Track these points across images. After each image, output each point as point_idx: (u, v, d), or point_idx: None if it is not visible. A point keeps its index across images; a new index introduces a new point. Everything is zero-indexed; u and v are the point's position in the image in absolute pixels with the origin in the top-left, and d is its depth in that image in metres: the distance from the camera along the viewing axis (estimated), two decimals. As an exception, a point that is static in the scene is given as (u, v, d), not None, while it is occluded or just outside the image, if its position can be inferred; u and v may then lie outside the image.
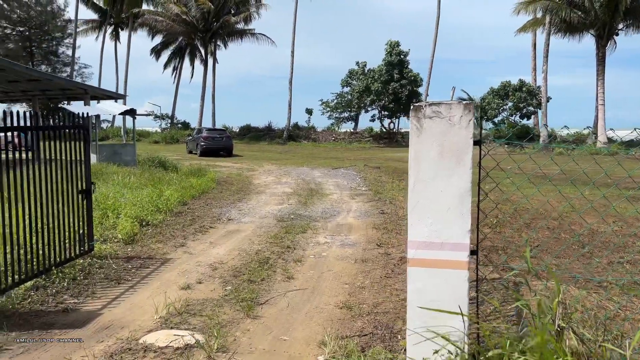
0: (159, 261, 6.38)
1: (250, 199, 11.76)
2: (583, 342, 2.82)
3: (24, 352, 3.91)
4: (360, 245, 7.17)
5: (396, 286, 5.30)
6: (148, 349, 3.90)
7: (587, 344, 2.80)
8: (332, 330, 4.18)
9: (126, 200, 9.23)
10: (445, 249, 3.04)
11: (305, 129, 46.22)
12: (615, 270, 5.79)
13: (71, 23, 50.55)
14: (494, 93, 41.61)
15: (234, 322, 4.42)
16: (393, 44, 40.16)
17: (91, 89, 20.06)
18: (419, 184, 3.06)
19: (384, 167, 19.98)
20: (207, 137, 28.38)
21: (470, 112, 2.97)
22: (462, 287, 3.03)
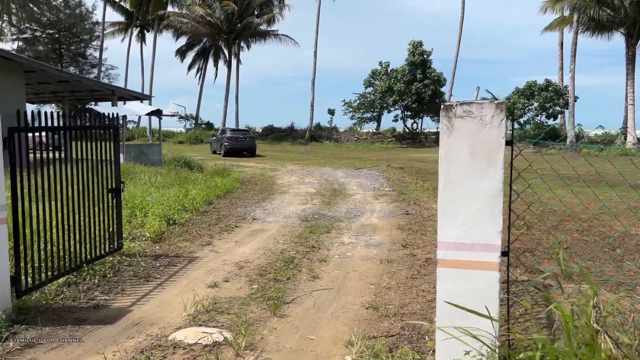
0: (186, 259, 6.47)
1: (274, 198, 11.83)
2: (618, 346, 2.76)
3: (58, 346, 4.01)
4: (385, 246, 7.15)
5: (422, 287, 5.27)
6: (177, 345, 3.96)
7: (622, 348, 2.75)
8: (358, 330, 4.18)
9: (153, 199, 9.38)
10: (476, 249, 3.01)
11: (328, 129, 46.25)
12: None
13: (99, 25, 51.62)
14: (519, 93, 40.96)
15: (261, 320, 4.46)
16: (416, 43, 39.91)
17: (118, 90, 20.44)
18: (449, 184, 3.04)
19: (407, 168, 19.86)
20: (230, 138, 28.64)
21: (502, 111, 2.94)
22: (492, 289, 3.00)
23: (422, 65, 39.53)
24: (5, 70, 16.58)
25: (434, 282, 5.41)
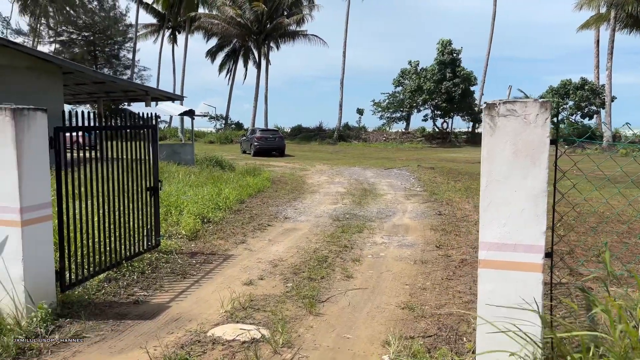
0: (221, 257, 6.56)
1: (304, 198, 11.88)
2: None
3: (101, 340, 4.13)
4: (418, 247, 7.10)
5: (458, 288, 5.22)
6: (216, 341, 4.02)
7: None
8: (395, 330, 4.17)
9: (188, 198, 9.55)
10: (519, 250, 2.97)
11: (356, 129, 46.14)
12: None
13: (132, 27, 52.81)
14: (553, 92, 40.07)
15: (297, 318, 4.49)
16: (445, 42, 39.46)
17: (152, 91, 20.87)
18: (491, 184, 3.00)
19: (438, 168, 19.66)
20: (260, 138, 28.89)
21: (547, 110, 2.89)
22: (535, 290, 2.95)
23: (452, 64, 39.07)
24: (45, 71, 17.12)
25: (470, 283, 5.36)
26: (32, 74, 16.73)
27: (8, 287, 4.34)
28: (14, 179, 4.27)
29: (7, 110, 4.23)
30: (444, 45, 39.38)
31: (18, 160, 4.27)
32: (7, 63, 16.00)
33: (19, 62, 16.33)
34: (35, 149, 4.45)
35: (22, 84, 16.37)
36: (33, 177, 4.42)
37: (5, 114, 4.23)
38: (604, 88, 35.38)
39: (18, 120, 4.26)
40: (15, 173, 4.27)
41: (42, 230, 4.53)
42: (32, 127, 4.41)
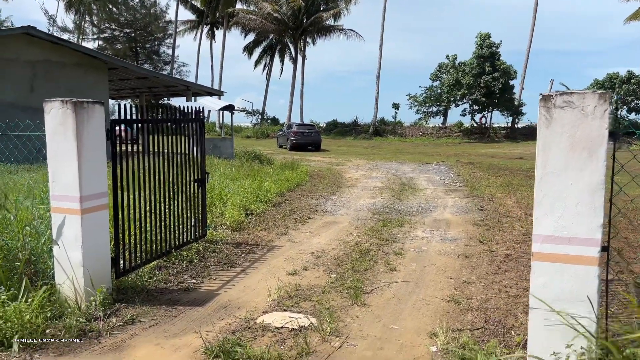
0: (265, 248, 6.69)
1: (343, 192, 11.94)
2: None
3: (155, 324, 4.30)
4: (461, 241, 7.06)
5: (504, 283, 5.18)
6: (266, 328, 4.14)
7: None
8: (441, 322, 4.19)
9: (230, 190, 9.74)
10: (574, 243, 2.94)
11: (392, 124, 45.81)
12: None
13: (171, 24, 53.87)
14: (597, 85, 38.74)
15: (342, 308, 4.56)
16: (483, 36, 38.68)
17: (192, 86, 21.32)
18: (547, 176, 2.98)
19: (477, 163, 19.36)
20: (296, 132, 29.09)
21: (606, 102, 2.85)
22: (590, 285, 2.92)
23: (491, 58, 38.27)
24: (92, 67, 17.74)
25: (515, 278, 5.32)
26: (79, 69, 17.37)
27: (68, 271, 4.56)
28: (75, 169, 4.49)
29: (69, 103, 4.44)
30: (482, 39, 38.62)
31: (78, 152, 4.48)
32: (57, 59, 16.65)
33: (68, 59, 16.98)
34: (93, 141, 4.65)
35: (70, 79, 17.01)
36: (91, 168, 4.62)
37: (67, 107, 4.45)
38: (652, 81, 34.00)
39: (78, 113, 4.46)
40: (75, 164, 4.48)
41: (99, 218, 4.74)
42: (91, 120, 4.61)
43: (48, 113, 4.54)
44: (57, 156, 4.56)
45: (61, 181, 4.55)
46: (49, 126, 4.55)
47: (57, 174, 4.57)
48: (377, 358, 3.63)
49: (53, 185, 4.60)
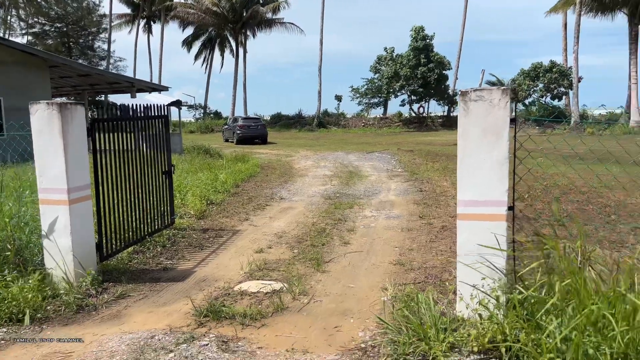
0: (230, 232, 7.35)
1: (295, 181, 12.69)
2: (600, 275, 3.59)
3: (144, 297, 4.90)
4: (404, 218, 8.01)
5: (440, 248, 6.13)
6: (244, 293, 4.84)
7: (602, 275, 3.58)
8: (390, 280, 5.05)
9: (189, 182, 10.26)
10: (487, 205, 3.84)
11: (335, 115, 46.89)
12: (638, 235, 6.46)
13: (106, 18, 52.27)
14: (524, 74, 41.38)
15: (307, 275, 5.33)
16: (417, 29, 40.41)
17: (137, 82, 21.30)
18: (465, 155, 3.86)
19: (416, 151, 20.64)
20: (243, 126, 29.45)
21: (507, 95, 3.75)
22: (501, 235, 3.83)
23: (426, 50, 40.09)
24: (32, 65, 17.44)
25: (450, 244, 6.28)
26: (18, 67, 17.06)
27: (57, 258, 5.05)
28: (62, 164, 4.98)
29: (54, 105, 4.93)
30: (417, 32, 40.33)
31: (64, 148, 4.97)
32: (-5, 58, 16.31)
33: (6, 57, 16.64)
34: (77, 138, 5.15)
35: (10, 77, 16.71)
36: (76, 162, 5.13)
37: (53, 108, 4.93)
38: (571, 70, 36.82)
39: (63, 114, 4.96)
40: (62, 159, 4.98)
41: (84, 208, 5.25)
42: (74, 119, 5.11)
43: (34, 114, 5.00)
44: (44, 153, 5.03)
45: (49, 175, 5.03)
46: (35, 126, 5.01)
47: (44, 168, 5.04)
48: (339, 308, 4.43)
49: (41, 179, 5.07)
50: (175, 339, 3.82)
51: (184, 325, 4.16)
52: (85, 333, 4.07)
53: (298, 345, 3.73)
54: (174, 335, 3.92)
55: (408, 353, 3.39)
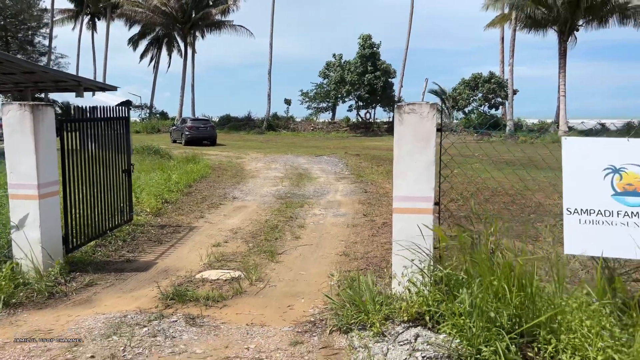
0: (187, 228, 7.80)
1: (247, 182, 13.18)
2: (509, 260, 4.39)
3: (111, 285, 5.32)
4: (349, 215, 8.72)
5: (381, 241, 6.87)
6: (205, 280, 5.36)
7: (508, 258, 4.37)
8: (336, 267, 5.71)
9: (142, 182, 10.55)
10: (418, 200, 4.57)
11: (284, 118, 47.43)
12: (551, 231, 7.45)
13: (47, 12, 50.44)
14: (465, 84, 43.57)
15: (262, 264, 5.91)
16: (365, 37, 41.71)
17: (84, 81, 20.98)
18: (400, 159, 4.58)
19: (363, 155, 21.55)
20: (191, 127, 29.42)
21: (434, 109, 4.50)
22: (428, 224, 4.56)
23: (372, 58, 41.43)
24: (-25, 61, 16.95)
25: (389, 237, 7.01)
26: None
27: (27, 249, 5.38)
28: (33, 161, 5.33)
29: (26, 105, 5.28)
30: (364, 40, 41.62)
31: (35, 146, 5.33)
32: None
33: (-53, 52, 16.11)
34: (47, 137, 5.51)
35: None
36: (46, 160, 5.48)
37: (25, 109, 5.28)
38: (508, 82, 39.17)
39: (35, 114, 5.31)
40: (33, 156, 5.33)
41: (53, 202, 5.61)
42: (45, 119, 5.47)
43: (6, 114, 5.33)
44: (15, 151, 5.35)
45: (19, 171, 5.36)
46: (7, 125, 5.33)
47: (15, 165, 5.37)
48: (292, 291, 5.05)
49: (11, 175, 5.39)
50: (146, 317, 4.31)
51: (152, 307, 4.64)
52: (60, 315, 4.48)
53: (256, 321, 4.32)
54: (144, 314, 4.40)
55: (350, 323, 4.05)
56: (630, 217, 3.88)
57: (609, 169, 4.00)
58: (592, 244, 3.92)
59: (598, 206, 3.95)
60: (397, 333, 3.86)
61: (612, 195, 3.94)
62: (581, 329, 3.36)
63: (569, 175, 4.06)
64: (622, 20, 34.87)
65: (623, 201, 3.92)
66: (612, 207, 3.92)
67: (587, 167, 4.04)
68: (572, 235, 3.99)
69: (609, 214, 3.92)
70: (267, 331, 4.09)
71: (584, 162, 4.06)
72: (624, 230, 3.86)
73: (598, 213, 3.95)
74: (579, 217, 3.99)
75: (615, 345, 3.24)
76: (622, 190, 3.93)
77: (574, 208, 4.01)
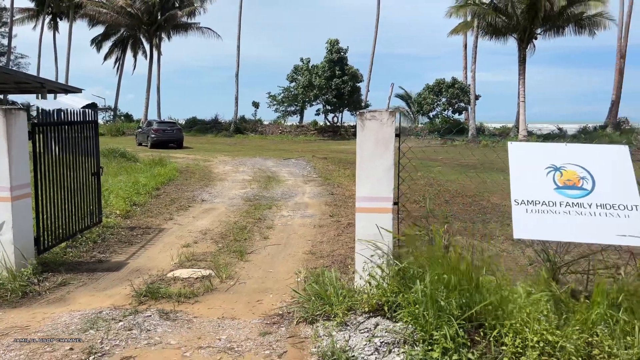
0: (157, 230, 7.96)
1: (215, 185, 13.34)
2: (460, 254, 4.78)
3: (84, 285, 5.48)
4: (316, 217, 9.04)
5: (346, 240, 7.20)
6: (176, 279, 5.58)
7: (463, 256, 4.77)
8: (303, 265, 6.02)
9: (110, 184, 10.61)
10: (378, 200, 4.92)
11: (252, 122, 47.47)
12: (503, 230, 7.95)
13: (6, 11, 49.10)
14: (429, 89, 44.62)
15: (232, 263, 6.16)
16: (333, 42, 42.24)
17: (48, 83, 20.70)
18: (362, 162, 4.92)
19: (330, 158, 21.93)
20: (157, 130, 29.20)
21: (393, 116, 4.86)
22: (389, 223, 4.92)
23: (340, 62, 41.98)
24: None
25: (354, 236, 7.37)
26: None
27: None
28: (6, 164, 5.44)
29: (0, 110, 5.38)
30: (332, 45, 42.14)
31: (9, 149, 5.44)
32: None
33: None
34: (19, 140, 5.62)
35: None
36: (18, 162, 5.60)
37: (-2, 113, 5.38)
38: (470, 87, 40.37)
39: (8, 118, 5.43)
40: (6, 159, 5.44)
41: (25, 204, 5.73)
42: (18, 123, 5.58)
43: (-22, 117, 5.41)
44: (-13, 153, 5.44)
45: (-8, 174, 5.45)
46: (-20, 128, 5.42)
47: (-13, 168, 5.46)
48: (261, 287, 5.33)
49: (-17, 178, 5.47)
50: (121, 313, 4.51)
51: (126, 303, 4.83)
52: (35, 313, 4.63)
53: (227, 314, 4.58)
54: (119, 310, 4.60)
55: (316, 314, 4.36)
56: (572, 207, 4.36)
57: (551, 168, 4.53)
58: (537, 230, 4.39)
59: (542, 198, 4.43)
60: (358, 322, 4.19)
61: (554, 189, 4.44)
62: (522, 315, 3.76)
63: (515, 173, 4.59)
64: (578, 30, 36.52)
65: (564, 194, 4.42)
66: (554, 198, 4.41)
67: (532, 167, 4.59)
68: (519, 222, 4.43)
69: (552, 204, 4.41)
70: (237, 323, 4.36)
71: (529, 163, 4.62)
72: (566, 218, 4.34)
73: (543, 204, 4.43)
74: (526, 207, 4.45)
75: (550, 328, 3.65)
76: (562, 185, 4.44)
77: (521, 200, 4.46)
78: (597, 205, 4.28)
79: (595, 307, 3.86)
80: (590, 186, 4.36)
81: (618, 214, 4.20)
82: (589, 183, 4.37)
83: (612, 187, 4.33)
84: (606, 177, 4.38)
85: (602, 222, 4.22)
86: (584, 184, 4.38)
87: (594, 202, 4.30)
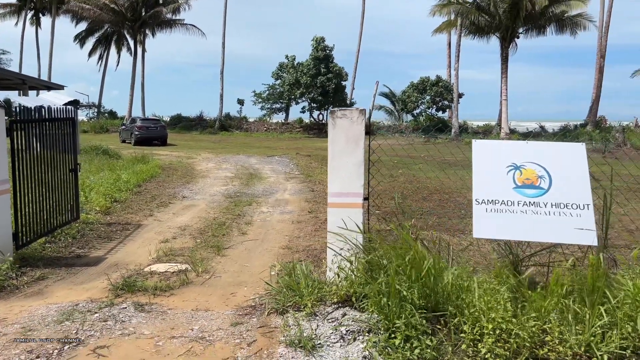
0: (136, 226, 8.05)
1: (197, 182, 13.42)
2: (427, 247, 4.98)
3: (62, 279, 5.57)
4: (295, 213, 9.20)
5: (322, 235, 7.37)
6: (153, 273, 5.70)
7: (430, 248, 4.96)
8: (278, 259, 6.17)
9: (92, 181, 10.65)
10: (349, 196, 5.09)
11: (237, 119, 47.43)
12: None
13: (-13, 6, 48.38)
14: (413, 87, 45.01)
15: (209, 258, 6.29)
16: (318, 39, 42.36)
17: (29, 80, 20.53)
18: (334, 158, 5.08)
19: (313, 155, 22.09)
20: (141, 127, 29.11)
21: (363, 114, 5.03)
22: (359, 218, 5.09)
23: (325, 60, 42.12)
24: None
25: (330, 232, 7.54)
26: None
27: (-24, 246, 5.56)
28: (-17, 160, 5.51)
29: (-24, 106, 5.45)
30: (317, 42, 42.25)
31: (-14, 146, 5.51)
32: None
33: None
34: (-3, 137, 5.69)
35: None
36: (-4, 159, 5.66)
37: (-25, 110, 5.44)
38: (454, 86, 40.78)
39: (-15, 115, 5.49)
40: (-17, 156, 5.50)
41: (3, 200, 5.79)
42: (-5, 120, 5.65)
43: (-45, 114, 5.47)
44: (-36, 150, 5.51)
45: (-31, 170, 5.52)
46: (-43, 125, 5.48)
47: (-36, 164, 5.52)
48: (236, 281, 5.47)
49: (-40, 174, 5.54)
50: (97, 305, 4.62)
51: (102, 297, 4.95)
52: (12, 306, 4.72)
53: (201, 306, 4.72)
54: (95, 303, 4.71)
55: (287, 305, 4.52)
56: (529, 206, 4.52)
57: (511, 166, 4.68)
58: (496, 229, 4.55)
59: (502, 197, 4.59)
60: (327, 313, 4.36)
61: (513, 188, 4.59)
62: (480, 304, 3.96)
63: (477, 171, 4.72)
64: (560, 29, 37.10)
65: (523, 193, 4.58)
66: (513, 197, 4.56)
67: (494, 165, 4.71)
68: (479, 222, 4.59)
69: (510, 204, 4.56)
70: (210, 315, 4.50)
71: (490, 161, 4.74)
72: (523, 217, 4.51)
73: (502, 203, 4.58)
74: (486, 206, 4.60)
75: (507, 317, 3.85)
76: (521, 184, 4.59)
77: (482, 199, 4.62)
78: (552, 205, 4.43)
79: (550, 296, 4.07)
80: (547, 185, 4.51)
81: (571, 213, 4.38)
82: (546, 182, 4.52)
83: (567, 186, 4.48)
84: (562, 175, 4.52)
85: (556, 222, 4.38)
86: (542, 182, 4.53)
87: (549, 202, 4.45)
